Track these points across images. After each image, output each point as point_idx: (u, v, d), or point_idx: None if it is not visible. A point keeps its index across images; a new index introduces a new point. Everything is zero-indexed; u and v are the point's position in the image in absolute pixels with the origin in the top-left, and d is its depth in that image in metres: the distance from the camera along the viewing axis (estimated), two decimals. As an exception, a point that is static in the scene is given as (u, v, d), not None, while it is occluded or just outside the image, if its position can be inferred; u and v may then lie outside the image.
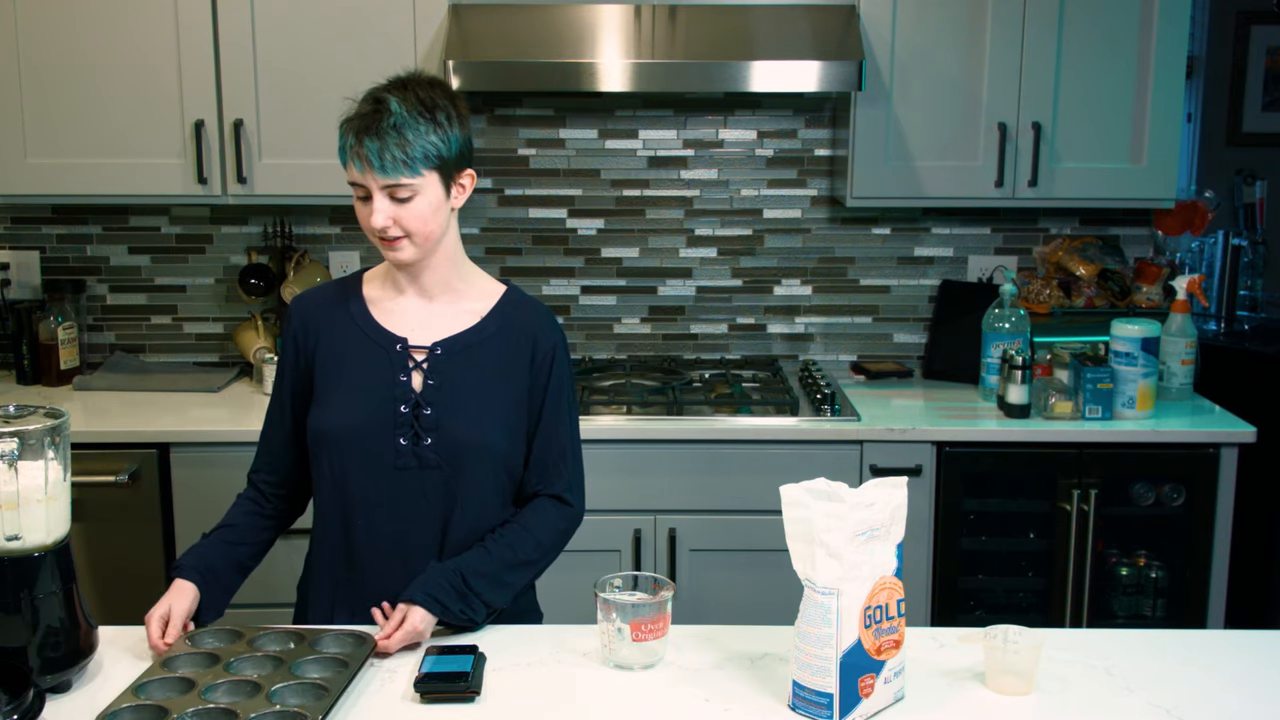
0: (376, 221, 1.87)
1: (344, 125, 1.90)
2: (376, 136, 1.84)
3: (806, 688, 1.63)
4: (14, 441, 1.64)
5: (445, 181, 1.91)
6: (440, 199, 1.91)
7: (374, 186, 1.87)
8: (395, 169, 1.85)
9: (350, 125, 1.89)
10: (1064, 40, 3.16)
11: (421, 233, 1.90)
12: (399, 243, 1.91)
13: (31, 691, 1.59)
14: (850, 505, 1.61)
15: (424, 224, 1.89)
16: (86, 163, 3.15)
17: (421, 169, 1.86)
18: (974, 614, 3.14)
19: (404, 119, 1.85)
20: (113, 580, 2.97)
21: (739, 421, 3.04)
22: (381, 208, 1.87)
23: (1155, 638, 1.93)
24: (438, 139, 1.87)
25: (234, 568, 2.01)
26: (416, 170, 1.86)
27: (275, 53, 3.12)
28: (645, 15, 3.13)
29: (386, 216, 1.87)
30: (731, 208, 3.57)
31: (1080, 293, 3.45)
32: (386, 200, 1.87)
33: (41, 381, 3.37)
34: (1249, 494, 3.14)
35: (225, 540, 2.02)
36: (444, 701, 1.67)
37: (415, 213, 1.88)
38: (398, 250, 1.92)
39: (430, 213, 1.89)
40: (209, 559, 1.97)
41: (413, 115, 1.86)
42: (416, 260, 1.95)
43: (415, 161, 1.85)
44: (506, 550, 1.95)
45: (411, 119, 1.86)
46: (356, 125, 1.87)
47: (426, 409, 1.95)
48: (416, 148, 1.85)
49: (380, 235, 1.90)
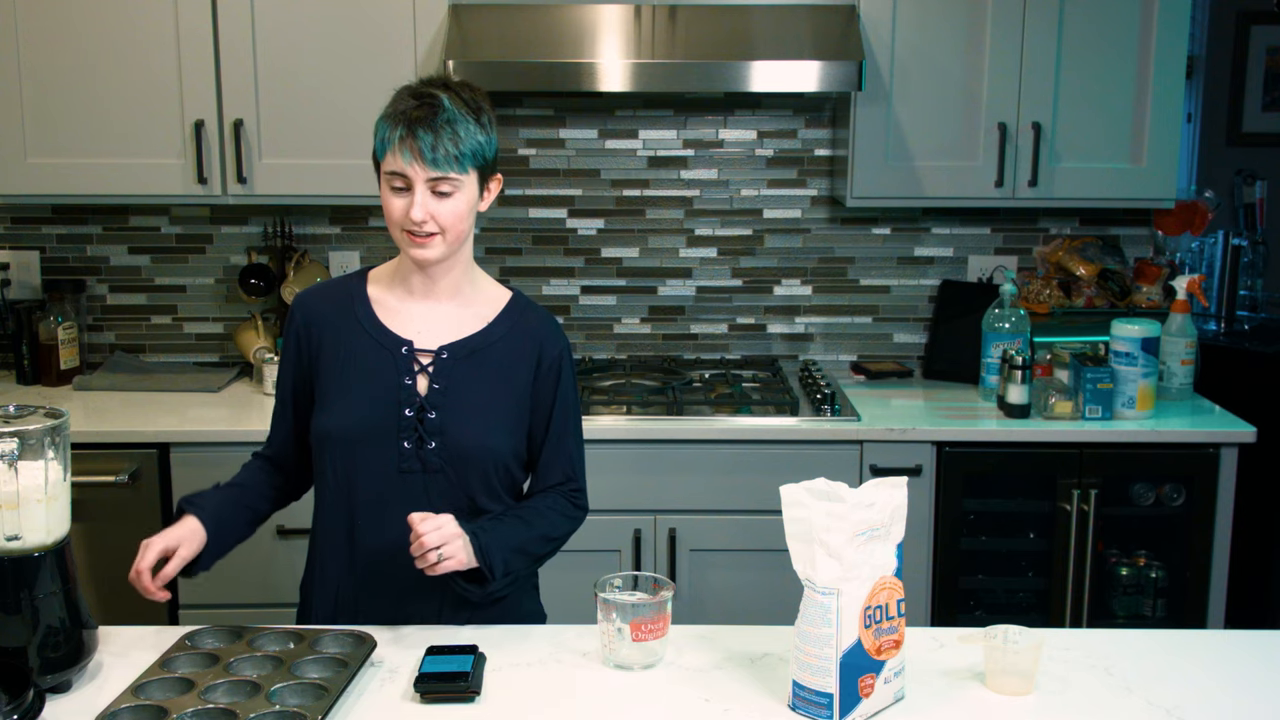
0: (416, 214, 1.88)
1: (388, 119, 1.90)
2: (431, 130, 1.86)
3: (806, 688, 1.63)
4: (14, 441, 1.64)
5: (481, 182, 1.94)
6: (474, 199, 1.94)
7: (418, 179, 1.88)
8: (446, 163, 1.87)
9: (399, 118, 1.89)
10: (1064, 40, 3.16)
11: (454, 230, 1.91)
12: (430, 240, 1.91)
13: (31, 691, 1.59)
14: (850, 505, 1.61)
15: (458, 221, 1.91)
16: (86, 163, 3.15)
17: (469, 166, 1.89)
18: (974, 614, 3.14)
19: (456, 116, 1.88)
20: (113, 580, 2.95)
21: (739, 421, 3.04)
22: (422, 201, 1.88)
23: (1155, 638, 1.93)
24: (483, 139, 1.91)
25: (241, 526, 2.00)
26: (465, 167, 1.89)
27: (275, 53, 3.12)
28: (645, 15, 3.13)
29: (426, 211, 1.89)
30: (731, 208, 3.57)
31: (1080, 293, 3.45)
32: (428, 194, 1.89)
33: (41, 381, 3.37)
34: (1249, 494, 3.14)
35: (238, 500, 2.02)
36: (444, 701, 1.67)
37: (452, 209, 1.90)
38: (427, 248, 1.92)
39: (466, 211, 1.92)
40: (224, 511, 1.96)
41: (463, 114, 1.89)
42: (441, 259, 1.95)
43: (465, 158, 1.88)
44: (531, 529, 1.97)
45: (463, 117, 1.89)
46: (409, 117, 1.88)
47: (431, 413, 1.95)
48: (467, 144, 1.88)
49: (413, 231, 1.90)
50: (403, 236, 1.93)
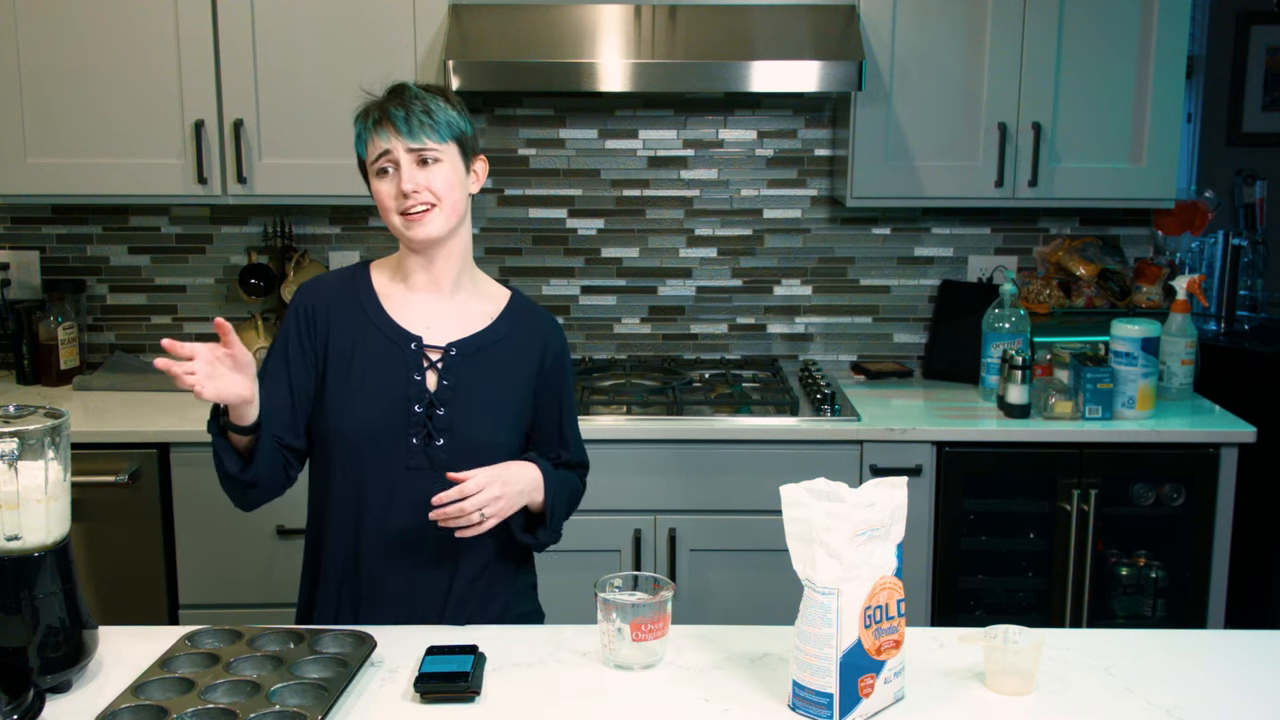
0: (406, 185, 1.91)
1: (361, 113, 1.97)
2: (402, 105, 1.93)
3: (806, 688, 1.63)
4: (14, 441, 1.64)
5: (464, 158, 1.98)
6: (462, 173, 1.97)
7: (400, 152, 1.92)
8: (423, 132, 1.92)
9: (370, 108, 1.96)
10: (1064, 40, 3.16)
11: (449, 200, 1.94)
12: (426, 215, 1.93)
13: (31, 691, 1.59)
14: (850, 505, 1.61)
15: (450, 190, 1.94)
16: (86, 163, 3.15)
17: (446, 136, 1.94)
18: (974, 614, 3.14)
19: (423, 94, 1.96)
20: (113, 580, 2.97)
21: (739, 421, 3.04)
22: (409, 174, 1.92)
23: (1155, 638, 1.93)
24: (455, 115, 1.97)
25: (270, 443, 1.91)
26: (443, 136, 1.94)
27: (275, 53, 3.12)
28: (645, 15, 3.13)
29: (414, 181, 1.92)
30: (731, 208, 3.57)
31: (1080, 293, 3.45)
32: (413, 167, 1.93)
33: (41, 381, 3.37)
34: (1249, 494, 3.14)
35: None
36: (444, 701, 1.67)
37: (442, 178, 1.94)
38: (425, 224, 1.93)
39: (456, 181, 1.96)
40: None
41: (430, 94, 1.96)
42: (440, 235, 1.96)
43: (440, 126, 1.93)
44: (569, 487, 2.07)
45: (429, 95, 1.96)
46: (379, 104, 1.95)
47: (440, 409, 1.95)
48: (439, 116, 1.94)
49: (406, 208, 1.92)
50: (399, 221, 1.94)
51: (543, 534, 2.01)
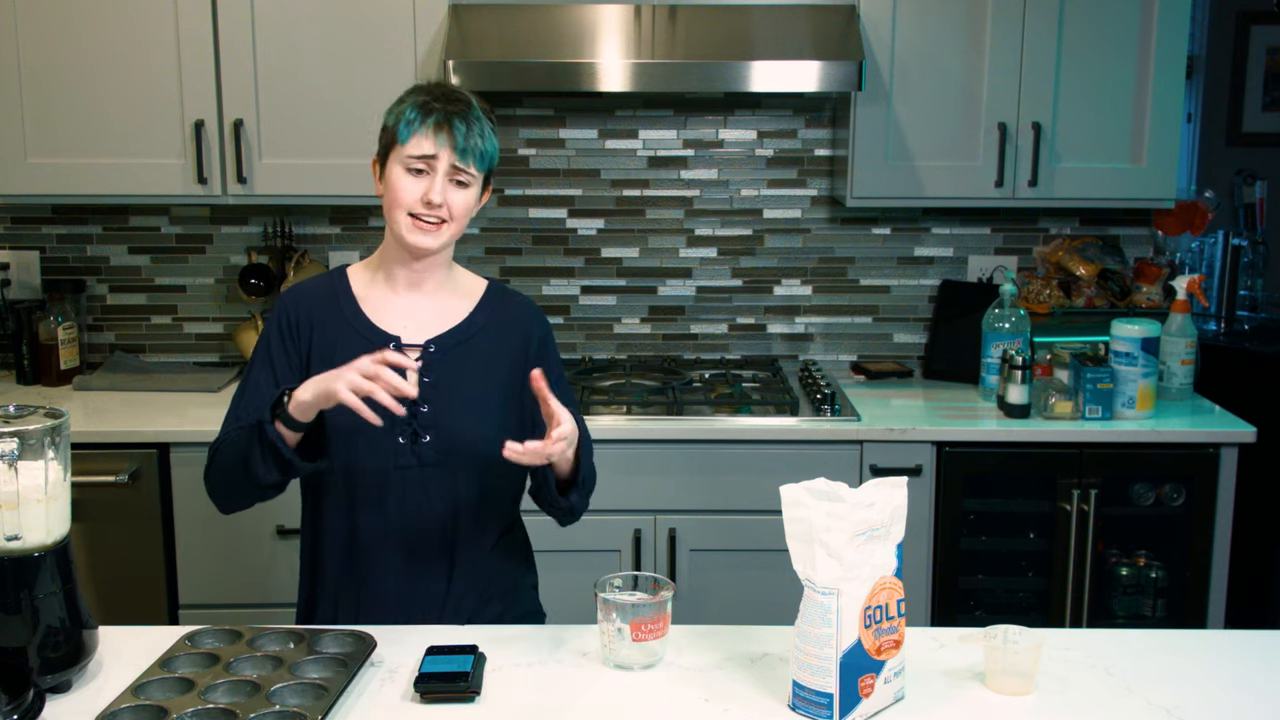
0: (435, 197, 1.92)
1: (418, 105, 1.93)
2: (465, 121, 1.93)
3: (806, 688, 1.63)
4: (14, 441, 1.64)
5: (483, 187, 2.00)
6: (477, 198, 1.99)
7: (442, 163, 1.92)
8: (472, 156, 1.94)
9: (431, 106, 1.93)
10: (1064, 40, 3.16)
11: (459, 223, 1.97)
12: (439, 228, 1.95)
13: (31, 691, 1.59)
14: (850, 505, 1.61)
15: (465, 214, 1.97)
16: (86, 163, 3.15)
17: (484, 166, 1.97)
18: (974, 614, 3.14)
19: (482, 118, 1.97)
20: (113, 580, 2.97)
21: (739, 421, 3.04)
22: (441, 187, 1.93)
23: (1155, 638, 1.93)
24: (496, 146, 1.99)
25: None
26: (482, 166, 1.97)
27: (275, 53, 3.12)
28: (645, 15, 3.13)
29: (444, 197, 1.93)
30: (731, 208, 3.57)
31: (1080, 293, 3.45)
32: (446, 180, 1.94)
33: (41, 381, 3.37)
34: (1249, 494, 3.14)
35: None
36: (444, 701, 1.67)
37: (464, 201, 1.96)
38: (434, 235, 1.95)
39: (472, 205, 1.98)
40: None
41: (486, 119, 1.98)
42: (440, 249, 1.98)
43: (485, 156, 1.96)
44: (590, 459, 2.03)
45: (486, 121, 1.98)
46: (444, 109, 1.93)
47: (424, 406, 1.95)
48: (488, 145, 1.97)
49: (424, 215, 1.93)
50: (407, 222, 1.94)
51: (575, 496, 1.98)
